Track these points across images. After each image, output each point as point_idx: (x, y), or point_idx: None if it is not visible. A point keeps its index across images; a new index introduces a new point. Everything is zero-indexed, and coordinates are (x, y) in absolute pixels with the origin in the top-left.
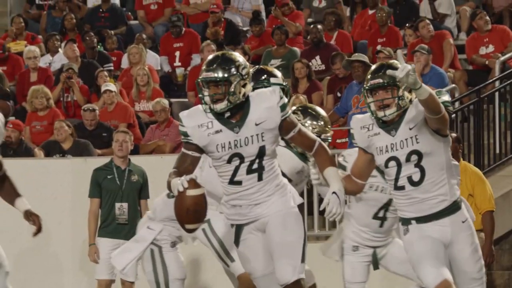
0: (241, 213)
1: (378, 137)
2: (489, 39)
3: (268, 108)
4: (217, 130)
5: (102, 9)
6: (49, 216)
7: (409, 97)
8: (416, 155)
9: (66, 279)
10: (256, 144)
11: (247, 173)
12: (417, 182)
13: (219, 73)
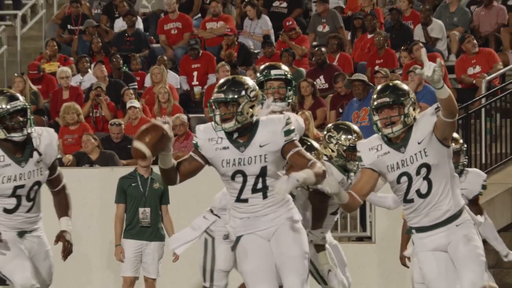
0: (247, 224)
1: (388, 156)
2: (476, 60)
3: (273, 132)
4: (225, 147)
5: (127, 34)
6: (79, 220)
7: (413, 115)
8: (425, 167)
9: (94, 276)
10: (258, 164)
11: (252, 192)
12: (425, 194)
13: (229, 95)
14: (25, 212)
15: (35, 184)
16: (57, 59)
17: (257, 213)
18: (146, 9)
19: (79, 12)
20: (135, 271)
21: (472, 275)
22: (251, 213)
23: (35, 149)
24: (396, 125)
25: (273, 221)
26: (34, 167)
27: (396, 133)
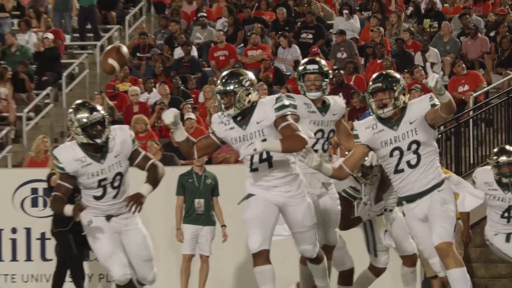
0: (263, 191)
1: (383, 133)
2: (465, 80)
3: (266, 111)
4: (231, 127)
5: (184, 60)
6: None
7: (403, 99)
8: (415, 144)
9: (160, 254)
10: (259, 138)
11: (260, 161)
12: (414, 165)
13: (227, 86)
14: (112, 198)
15: (117, 175)
16: (129, 80)
17: (268, 183)
18: (199, 40)
19: (146, 43)
20: (192, 250)
21: (441, 230)
22: (263, 181)
23: (111, 150)
24: (387, 107)
25: (284, 194)
26: (113, 162)
27: (388, 114)
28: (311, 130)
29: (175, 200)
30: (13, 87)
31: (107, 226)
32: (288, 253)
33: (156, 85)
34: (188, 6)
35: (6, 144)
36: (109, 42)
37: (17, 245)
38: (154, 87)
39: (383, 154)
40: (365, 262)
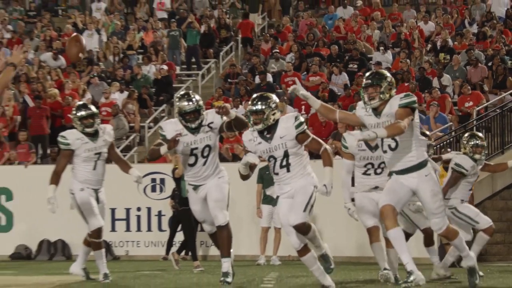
0: (279, 188)
1: (370, 118)
2: (470, 98)
3: (287, 128)
4: (259, 142)
5: (262, 84)
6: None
7: (389, 93)
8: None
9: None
10: (282, 149)
11: (280, 167)
12: (394, 148)
13: (257, 107)
14: (202, 165)
15: (206, 146)
16: (222, 99)
17: (284, 182)
18: (274, 69)
19: (235, 72)
20: (268, 223)
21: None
22: (282, 181)
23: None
24: (374, 99)
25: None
26: (204, 135)
27: (375, 105)
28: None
29: (256, 187)
30: (138, 104)
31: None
32: None
33: (242, 103)
34: (265, 44)
35: (133, 146)
36: (208, 72)
37: (141, 220)
38: (241, 104)
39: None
40: None
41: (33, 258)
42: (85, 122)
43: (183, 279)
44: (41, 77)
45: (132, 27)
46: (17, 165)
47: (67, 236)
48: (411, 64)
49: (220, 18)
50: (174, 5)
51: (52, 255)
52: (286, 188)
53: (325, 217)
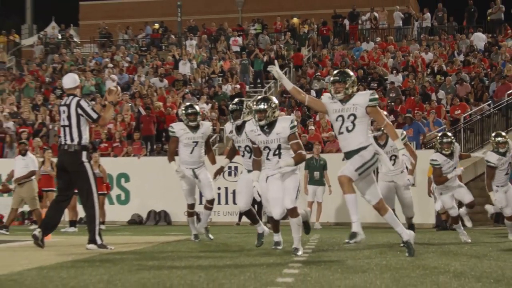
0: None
1: (334, 104)
2: (458, 108)
3: (284, 127)
4: (259, 134)
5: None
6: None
7: (352, 89)
8: (353, 116)
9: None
10: (276, 143)
11: (273, 155)
12: (351, 130)
13: (260, 106)
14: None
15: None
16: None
17: (274, 167)
18: (316, 87)
19: None
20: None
21: (367, 197)
22: (272, 165)
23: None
24: (340, 93)
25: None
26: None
27: (340, 97)
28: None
29: (304, 173)
30: (219, 113)
31: None
32: None
33: (293, 111)
34: (310, 69)
35: (214, 143)
36: (269, 89)
37: (220, 196)
38: (292, 112)
39: (332, 118)
40: None
41: (144, 223)
42: (190, 118)
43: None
44: (149, 94)
45: (215, 57)
46: (132, 157)
47: (168, 207)
48: (416, 83)
49: (277, 50)
50: (245, 41)
51: (157, 221)
52: (275, 172)
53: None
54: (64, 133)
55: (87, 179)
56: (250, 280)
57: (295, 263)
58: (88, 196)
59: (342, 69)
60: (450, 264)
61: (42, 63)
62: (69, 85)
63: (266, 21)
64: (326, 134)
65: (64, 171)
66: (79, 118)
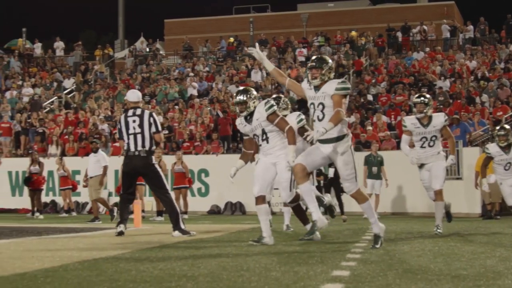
0: (262, 156)
1: (310, 91)
2: (500, 109)
3: (260, 112)
4: (245, 125)
5: (364, 101)
6: None
7: (328, 76)
8: (322, 105)
9: None
10: (260, 129)
11: (262, 141)
12: (321, 119)
13: (240, 97)
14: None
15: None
16: None
17: (266, 152)
18: (373, 92)
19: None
20: (371, 191)
21: (346, 184)
22: (264, 151)
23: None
24: (316, 79)
25: (275, 157)
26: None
27: (316, 83)
28: None
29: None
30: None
31: None
32: None
33: (353, 114)
34: (368, 76)
35: None
36: None
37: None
38: (352, 115)
39: (308, 104)
40: None
41: (221, 213)
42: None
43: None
44: (226, 99)
45: (283, 66)
46: (211, 154)
47: (243, 199)
48: (461, 88)
49: (338, 60)
50: (309, 52)
51: (233, 211)
52: (269, 157)
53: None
54: (135, 140)
55: (160, 178)
56: (317, 264)
57: (357, 248)
58: (164, 191)
59: (319, 55)
60: (496, 249)
61: (132, 73)
62: (135, 99)
63: (328, 34)
64: (382, 134)
65: (132, 173)
66: (150, 127)
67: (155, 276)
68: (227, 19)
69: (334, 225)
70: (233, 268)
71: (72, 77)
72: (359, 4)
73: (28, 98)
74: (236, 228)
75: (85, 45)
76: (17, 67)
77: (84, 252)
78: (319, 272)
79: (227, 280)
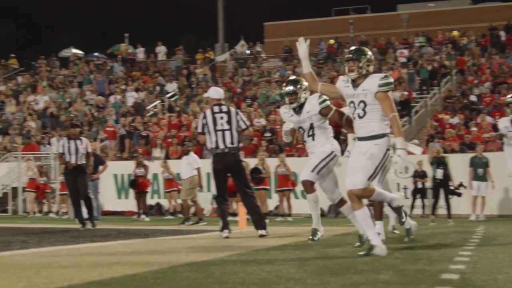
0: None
1: (348, 88)
2: None
3: (312, 104)
4: (292, 115)
5: (467, 102)
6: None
7: (367, 69)
8: (363, 103)
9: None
10: (308, 122)
11: (307, 136)
12: (362, 117)
13: (290, 88)
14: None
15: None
16: (444, 112)
17: (310, 149)
18: (476, 93)
19: (451, 94)
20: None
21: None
22: (308, 148)
23: None
24: (353, 72)
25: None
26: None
27: (353, 77)
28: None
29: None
30: None
31: None
32: None
33: (456, 114)
34: (471, 76)
35: None
36: (433, 95)
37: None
38: (455, 116)
39: (347, 103)
40: None
41: (325, 215)
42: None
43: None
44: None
45: (384, 68)
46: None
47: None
48: None
49: (440, 61)
50: (410, 53)
51: (337, 214)
52: (311, 154)
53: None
54: (223, 137)
55: (245, 175)
56: (425, 266)
57: (465, 251)
58: (250, 191)
59: (358, 46)
60: None
61: (234, 76)
62: (218, 96)
63: (429, 34)
64: (487, 135)
65: (224, 170)
66: (237, 124)
67: (263, 278)
68: (326, 21)
69: (440, 228)
70: (340, 271)
71: (174, 81)
72: (460, 3)
73: (132, 102)
74: (340, 231)
75: (186, 49)
76: (120, 71)
77: (191, 254)
78: (428, 275)
79: (335, 283)
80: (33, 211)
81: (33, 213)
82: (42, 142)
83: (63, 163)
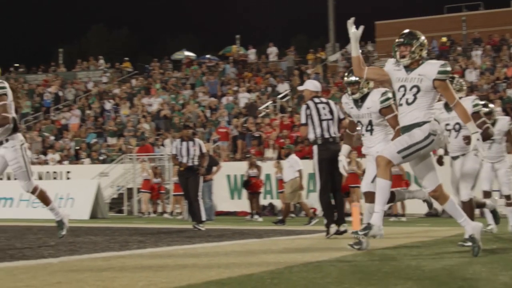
0: (365, 148)
1: (400, 72)
2: None
3: (374, 101)
4: (352, 107)
5: None
6: None
7: (419, 54)
8: (416, 88)
9: None
10: (367, 118)
11: (366, 131)
12: (410, 103)
13: (353, 78)
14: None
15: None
16: None
17: (368, 144)
18: None
19: None
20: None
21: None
22: (365, 141)
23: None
24: (405, 57)
25: (375, 148)
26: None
27: (405, 63)
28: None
29: None
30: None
31: None
32: None
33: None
34: None
35: None
36: None
37: None
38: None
39: (394, 87)
40: None
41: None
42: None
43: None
44: None
45: (498, 65)
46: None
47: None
48: None
49: None
50: None
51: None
52: (370, 150)
53: None
54: (327, 126)
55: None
56: (499, 266)
57: None
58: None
59: (409, 30)
60: None
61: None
62: (316, 88)
63: None
64: None
65: (331, 159)
66: (338, 115)
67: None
68: (438, 19)
69: None
70: (458, 272)
71: (286, 81)
72: None
73: (244, 103)
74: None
75: (297, 49)
76: (232, 73)
77: (306, 254)
78: None
79: (453, 284)
80: (148, 212)
81: (148, 213)
82: (156, 144)
83: (177, 164)
